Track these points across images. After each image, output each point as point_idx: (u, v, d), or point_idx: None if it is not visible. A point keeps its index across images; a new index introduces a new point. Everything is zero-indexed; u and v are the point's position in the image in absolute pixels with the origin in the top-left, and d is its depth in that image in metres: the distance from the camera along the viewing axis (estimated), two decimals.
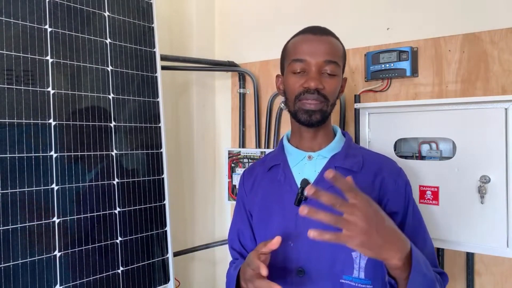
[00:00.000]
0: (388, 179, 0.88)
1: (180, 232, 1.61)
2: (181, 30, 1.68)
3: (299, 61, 0.86)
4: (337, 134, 0.94)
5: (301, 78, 0.87)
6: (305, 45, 0.87)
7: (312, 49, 0.86)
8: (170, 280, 1.21)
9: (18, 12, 0.95)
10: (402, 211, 0.87)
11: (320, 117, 0.87)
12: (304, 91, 0.86)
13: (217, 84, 1.77)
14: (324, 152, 0.91)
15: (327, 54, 0.85)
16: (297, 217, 0.86)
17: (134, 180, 1.15)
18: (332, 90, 0.87)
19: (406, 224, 0.86)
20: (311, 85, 0.84)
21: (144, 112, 1.20)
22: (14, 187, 0.91)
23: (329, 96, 0.87)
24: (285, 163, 0.94)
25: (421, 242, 0.86)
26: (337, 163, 0.89)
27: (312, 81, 0.84)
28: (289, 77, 0.89)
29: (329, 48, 0.86)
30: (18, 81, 0.93)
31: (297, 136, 0.95)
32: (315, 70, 0.85)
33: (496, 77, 1.14)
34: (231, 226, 1.08)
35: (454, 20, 1.21)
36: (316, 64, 0.85)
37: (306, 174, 0.90)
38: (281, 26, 1.58)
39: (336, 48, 0.88)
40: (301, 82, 0.86)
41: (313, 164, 0.91)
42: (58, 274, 0.96)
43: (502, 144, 1.06)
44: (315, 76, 0.85)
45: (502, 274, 1.14)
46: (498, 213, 1.07)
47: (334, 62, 0.86)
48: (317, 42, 0.86)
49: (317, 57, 0.85)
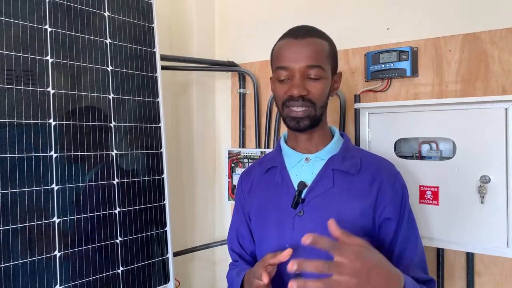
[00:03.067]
0: (386, 183, 0.87)
1: (180, 232, 1.61)
2: (181, 30, 1.68)
3: (282, 68, 0.86)
4: (334, 136, 0.94)
5: (286, 85, 0.86)
6: (287, 51, 0.86)
7: (294, 55, 0.84)
8: (170, 280, 1.21)
9: (18, 12, 0.95)
10: (398, 217, 0.87)
11: (309, 123, 0.86)
12: (289, 98, 0.85)
13: (217, 84, 1.77)
14: (321, 154, 0.91)
15: (309, 59, 0.83)
16: (294, 219, 0.86)
17: (134, 180, 1.15)
18: (318, 94, 0.85)
19: (401, 230, 0.87)
20: (294, 93, 0.83)
21: (144, 112, 1.20)
22: (14, 187, 0.91)
23: (316, 100, 0.85)
24: (282, 165, 0.93)
25: (412, 247, 0.87)
26: (334, 165, 0.89)
27: (295, 88, 0.83)
28: (275, 84, 0.89)
29: (311, 52, 0.84)
30: (18, 81, 0.93)
31: (293, 138, 0.95)
32: (298, 77, 0.84)
33: (496, 77, 1.14)
34: (230, 227, 1.08)
35: (454, 20, 1.21)
36: (299, 70, 0.84)
37: (303, 177, 0.90)
38: (281, 26, 1.57)
39: (319, 50, 0.85)
40: (286, 89, 0.86)
41: (310, 166, 0.91)
42: (58, 274, 0.96)
43: (502, 144, 1.06)
44: (298, 84, 0.84)
45: (502, 274, 1.14)
46: (498, 213, 1.06)
47: (318, 66, 0.84)
48: (298, 47, 0.85)
49: (299, 62, 0.83)
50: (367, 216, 0.85)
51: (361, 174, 0.88)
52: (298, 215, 0.86)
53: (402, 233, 0.87)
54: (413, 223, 0.91)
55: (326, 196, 0.86)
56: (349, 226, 0.83)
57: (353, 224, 0.84)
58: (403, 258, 0.87)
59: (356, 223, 0.84)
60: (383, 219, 0.86)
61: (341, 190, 0.86)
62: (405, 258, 0.87)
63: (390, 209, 0.86)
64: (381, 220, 0.86)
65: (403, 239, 0.87)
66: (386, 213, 0.86)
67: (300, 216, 0.86)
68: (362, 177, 0.88)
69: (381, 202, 0.86)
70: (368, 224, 0.85)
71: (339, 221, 0.83)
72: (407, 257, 0.87)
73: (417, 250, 0.88)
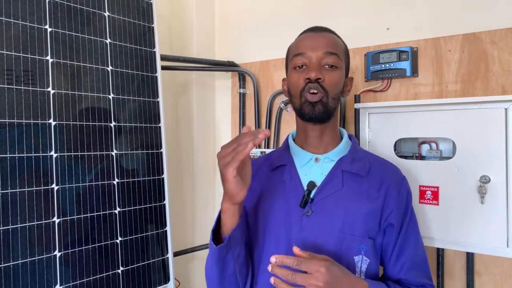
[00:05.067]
0: (392, 189, 0.88)
1: (180, 232, 1.61)
2: (181, 30, 1.68)
3: (300, 55, 0.88)
4: (343, 137, 0.94)
5: (303, 72, 0.87)
6: (305, 41, 0.89)
7: (312, 43, 0.87)
8: (170, 280, 1.21)
9: (18, 12, 0.95)
10: (400, 224, 0.88)
11: (323, 108, 0.86)
12: (307, 82, 0.86)
13: (217, 84, 1.77)
14: (331, 155, 0.91)
15: (327, 46, 0.87)
16: (302, 219, 0.86)
17: (134, 180, 1.15)
18: (333, 83, 0.86)
19: (400, 234, 0.88)
20: (311, 75, 0.84)
21: (144, 112, 1.20)
22: (14, 187, 0.91)
23: (329, 89, 0.86)
24: (292, 164, 0.93)
25: (410, 250, 0.88)
26: (344, 166, 0.89)
27: (312, 71, 0.85)
28: (292, 73, 0.90)
29: (328, 41, 0.88)
30: (18, 81, 0.93)
31: (303, 135, 0.94)
32: (315, 62, 0.86)
33: (496, 77, 1.14)
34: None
35: (454, 20, 1.21)
36: (316, 56, 0.86)
37: (313, 177, 0.89)
38: (281, 26, 1.58)
39: (336, 42, 0.89)
40: (303, 76, 0.87)
41: (320, 166, 0.90)
42: (58, 274, 0.96)
43: (502, 144, 1.06)
44: (315, 67, 0.86)
45: (502, 274, 1.14)
46: (498, 213, 1.07)
47: (334, 54, 0.87)
48: (317, 37, 0.89)
49: (317, 49, 0.86)
50: (374, 219, 0.86)
51: (370, 176, 0.88)
52: (306, 214, 0.86)
53: (401, 236, 0.88)
54: (415, 227, 0.91)
55: (335, 197, 0.86)
56: (356, 227, 0.84)
57: (360, 226, 0.84)
58: (399, 260, 0.88)
59: (362, 225, 0.84)
60: (388, 224, 0.87)
61: (350, 192, 0.86)
62: (401, 260, 0.88)
63: (395, 215, 0.87)
64: (386, 225, 0.87)
65: (401, 242, 0.88)
66: (391, 218, 0.87)
67: (308, 215, 0.86)
68: (370, 180, 0.88)
69: (388, 207, 0.87)
70: (374, 227, 0.86)
71: (346, 221, 0.84)
72: (403, 259, 0.87)
73: (416, 252, 0.89)
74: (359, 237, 0.84)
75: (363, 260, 0.84)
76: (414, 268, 0.88)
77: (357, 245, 0.84)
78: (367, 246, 0.84)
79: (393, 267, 0.88)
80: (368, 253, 0.84)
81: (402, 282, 0.88)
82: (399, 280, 0.89)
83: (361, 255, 0.84)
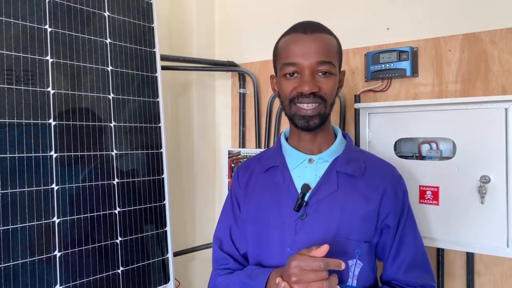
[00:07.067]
0: (389, 190, 0.86)
1: (180, 232, 1.61)
2: (181, 30, 1.68)
3: (291, 64, 0.81)
4: (338, 136, 0.91)
5: (295, 81, 0.82)
6: (296, 47, 0.81)
7: (304, 50, 0.80)
8: (170, 280, 1.21)
9: (18, 12, 0.95)
10: (396, 225, 0.87)
11: (319, 121, 0.83)
12: (298, 95, 0.81)
13: (217, 84, 1.77)
14: (325, 156, 0.88)
15: (320, 55, 0.80)
16: (296, 222, 0.84)
17: (134, 180, 1.15)
18: (329, 90, 0.82)
19: (397, 234, 0.87)
20: (304, 90, 0.79)
21: (144, 112, 1.20)
22: (14, 187, 0.91)
23: (327, 97, 0.82)
24: (284, 165, 0.90)
25: (408, 249, 0.87)
26: (338, 167, 0.86)
27: (305, 85, 0.79)
28: (282, 81, 0.85)
29: (321, 47, 0.81)
30: (18, 81, 0.93)
31: (296, 137, 0.91)
32: (308, 73, 0.80)
33: (496, 77, 1.14)
34: (219, 225, 1.00)
35: (454, 20, 1.21)
36: (309, 66, 0.80)
37: (307, 179, 0.87)
38: (281, 26, 1.57)
39: (329, 46, 0.82)
40: (295, 86, 0.82)
41: (313, 168, 0.88)
42: (58, 274, 0.96)
43: (502, 144, 1.06)
44: (308, 80, 0.80)
45: (502, 274, 1.14)
46: (498, 213, 1.06)
47: (328, 62, 0.81)
48: (308, 42, 0.81)
49: (310, 58, 0.80)
50: (371, 221, 0.84)
51: (365, 177, 0.87)
52: (300, 218, 0.84)
53: (398, 236, 0.87)
54: (412, 226, 0.90)
55: (330, 199, 0.84)
56: (352, 231, 0.83)
57: (356, 230, 0.83)
58: (397, 260, 0.87)
59: (359, 229, 0.83)
60: (385, 225, 0.86)
61: (345, 193, 0.84)
62: (399, 260, 0.87)
63: (392, 217, 0.86)
64: (383, 226, 0.86)
65: (398, 241, 0.87)
66: (388, 220, 0.86)
67: (303, 219, 0.84)
68: (366, 181, 0.86)
69: (385, 209, 0.86)
70: (371, 228, 0.84)
71: (342, 224, 0.83)
72: (400, 259, 0.87)
73: (414, 251, 0.88)
74: (355, 241, 0.82)
75: (357, 264, 0.82)
76: (413, 268, 0.87)
77: (352, 249, 0.82)
78: (362, 250, 0.83)
79: (391, 267, 0.88)
80: (362, 257, 0.83)
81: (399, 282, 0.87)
82: (397, 280, 0.88)
83: (355, 259, 0.82)
